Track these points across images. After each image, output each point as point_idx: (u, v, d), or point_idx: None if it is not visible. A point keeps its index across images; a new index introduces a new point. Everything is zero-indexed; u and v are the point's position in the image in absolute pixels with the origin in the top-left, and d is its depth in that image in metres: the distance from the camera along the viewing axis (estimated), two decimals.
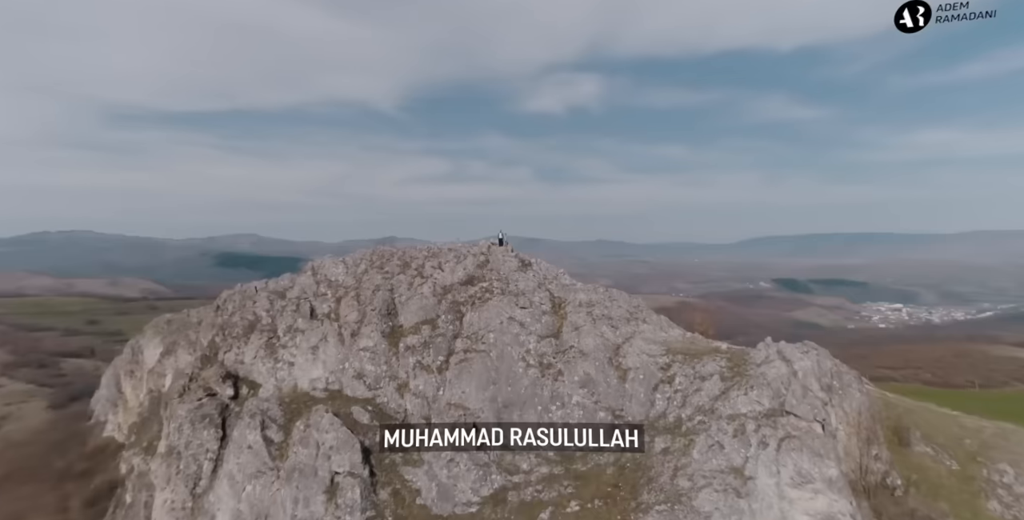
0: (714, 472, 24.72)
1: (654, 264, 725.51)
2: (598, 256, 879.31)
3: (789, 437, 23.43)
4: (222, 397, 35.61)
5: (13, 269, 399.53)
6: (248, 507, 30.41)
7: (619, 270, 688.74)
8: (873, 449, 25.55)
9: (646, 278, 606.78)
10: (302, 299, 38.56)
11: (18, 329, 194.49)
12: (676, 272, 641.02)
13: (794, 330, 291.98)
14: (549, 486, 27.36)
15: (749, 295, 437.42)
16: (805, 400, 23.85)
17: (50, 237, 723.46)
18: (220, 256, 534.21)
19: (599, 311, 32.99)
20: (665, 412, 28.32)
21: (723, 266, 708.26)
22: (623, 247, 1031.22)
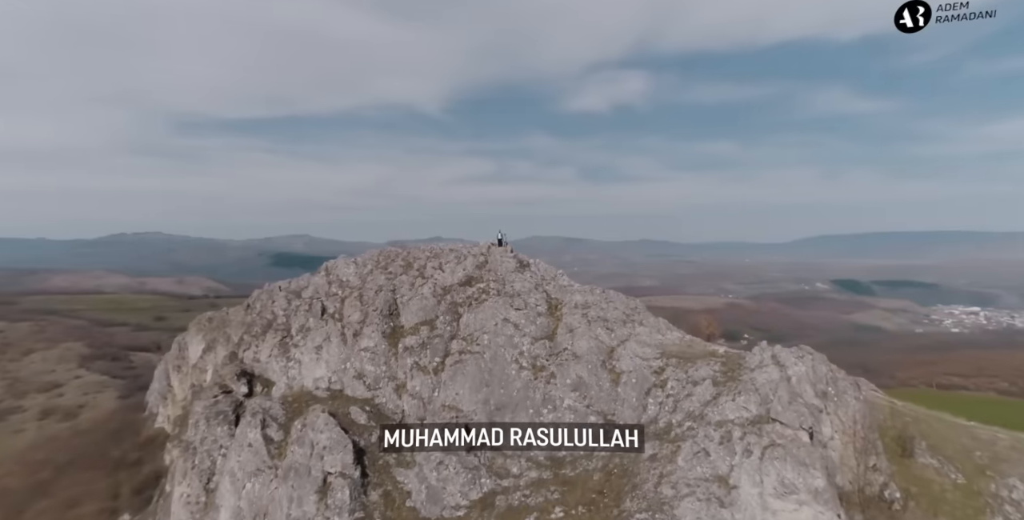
0: (698, 480, 23.82)
1: (701, 264, 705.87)
2: (642, 256, 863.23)
3: (773, 445, 22.44)
4: (237, 394, 36.50)
5: (94, 268, 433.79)
6: (247, 505, 30.76)
7: (663, 270, 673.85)
8: (871, 459, 24.08)
9: (692, 279, 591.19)
10: (314, 299, 39.24)
11: (95, 324, 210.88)
12: (725, 273, 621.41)
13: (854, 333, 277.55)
14: (536, 491, 27.04)
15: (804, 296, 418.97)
16: (791, 407, 22.74)
17: (126, 238, 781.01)
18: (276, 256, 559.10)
19: (595, 313, 32.42)
20: (656, 417, 27.57)
21: (776, 266, 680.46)
22: (668, 247, 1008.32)
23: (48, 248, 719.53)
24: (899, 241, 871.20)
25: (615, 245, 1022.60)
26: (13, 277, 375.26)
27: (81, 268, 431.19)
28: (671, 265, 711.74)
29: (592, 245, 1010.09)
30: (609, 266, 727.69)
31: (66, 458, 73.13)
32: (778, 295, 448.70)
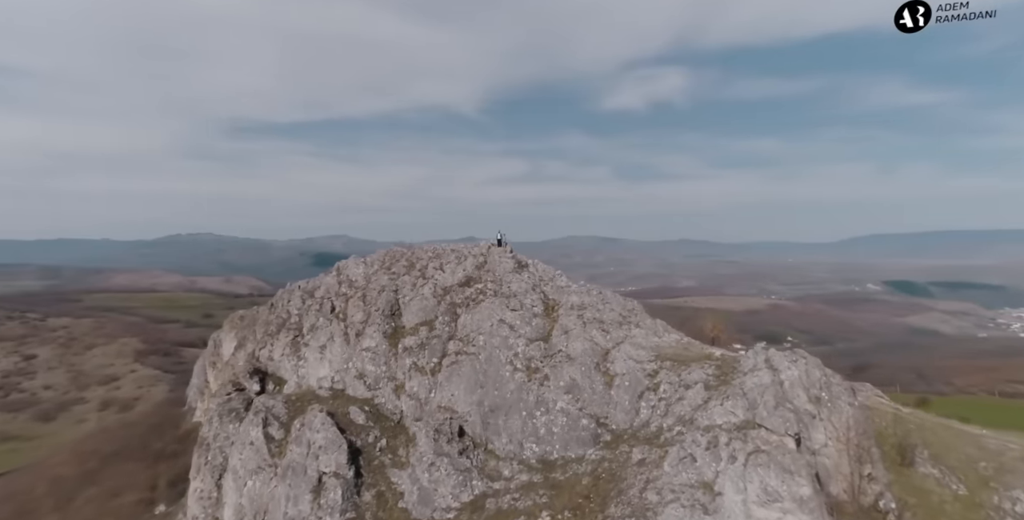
0: (683, 486, 22.96)
1: (743, 264, 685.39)
2: (681, 256, 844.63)
3: (758, 451, 21.53)
4: (249, 392, 36.87)
5: (152, 267, 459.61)
6: (248, 502, 30.87)
7: (703, 270, 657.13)
8: (866, 468, 22.72)
9: (733, 279, 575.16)
10: (325, 299, 39.50)
11: (150, 321, 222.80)
12: (767, 273, 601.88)
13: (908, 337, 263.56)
14: (526, 494, 26.64)
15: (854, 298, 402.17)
16: (776, 412, 21.72)
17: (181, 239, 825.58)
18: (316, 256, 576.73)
19: (590, 314, 31.82)
20: (648, 421, 26.92)
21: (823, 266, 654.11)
22: (708, 246, 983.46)
23: (112, 248, 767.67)
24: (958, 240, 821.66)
25: (652, 245, 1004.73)
26: (81, 276, 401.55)
27: (140, 267, 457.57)
28: (711, 265, 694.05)
29: (628, 245, 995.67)
30: (646, 266, 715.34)
31: (113, 449, 77.79)
32: (824, 296, 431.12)
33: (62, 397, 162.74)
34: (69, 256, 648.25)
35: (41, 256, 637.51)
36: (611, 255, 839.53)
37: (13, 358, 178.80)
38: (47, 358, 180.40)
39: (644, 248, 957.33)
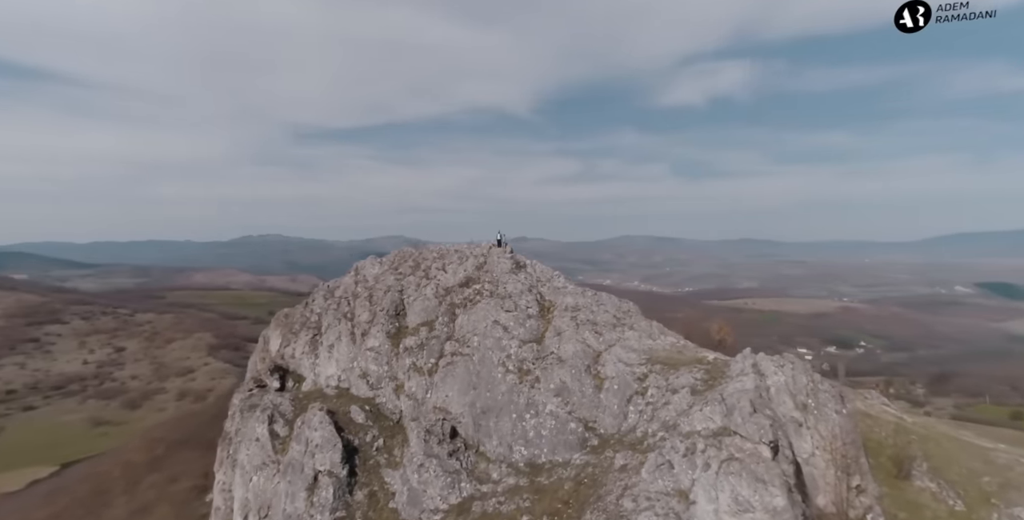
0: (659, 494, 22.01)
1: (811, 265, 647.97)
2: (742, 256, 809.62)
3: (731, 459, 20.51)
4: (270, 389, 37.79)
5: (226, 267, 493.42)
6: (253, 496, 31.39)
7: (767, 271, 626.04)
8: (854, 479, 20.92)
9: (800, 280, 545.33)
10: (342, 298, 40.23)
11: (222, 317, 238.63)
12: (839, 274, 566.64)
13: (1005, 344, 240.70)
14: (510, 498, 26.28)
15: (940, 301, 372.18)
16: (752, 419, 20.45)
17: (252, 240, 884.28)
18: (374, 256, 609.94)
19: (584, 316, 30.96)
20: (635, 426, 25.87)
21: (903, 267, 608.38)
22: (771, 246, 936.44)
23: (193, 249, 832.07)
24: None
25: (711, 244, 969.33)
26: (166, 274, 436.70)
27: (217, 267, 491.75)
28: (775, 266, 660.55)
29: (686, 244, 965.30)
30: (704, 266, 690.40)
31: (177, 438, 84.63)
32: (904, 299, 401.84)
33: (146, 387, 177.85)
34: (157, 256, 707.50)
35: (134, 256, 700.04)
36: (668, 255, 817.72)
37: (107, 350, 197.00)
38: (134, 350, 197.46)
39: (702, 248, 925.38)
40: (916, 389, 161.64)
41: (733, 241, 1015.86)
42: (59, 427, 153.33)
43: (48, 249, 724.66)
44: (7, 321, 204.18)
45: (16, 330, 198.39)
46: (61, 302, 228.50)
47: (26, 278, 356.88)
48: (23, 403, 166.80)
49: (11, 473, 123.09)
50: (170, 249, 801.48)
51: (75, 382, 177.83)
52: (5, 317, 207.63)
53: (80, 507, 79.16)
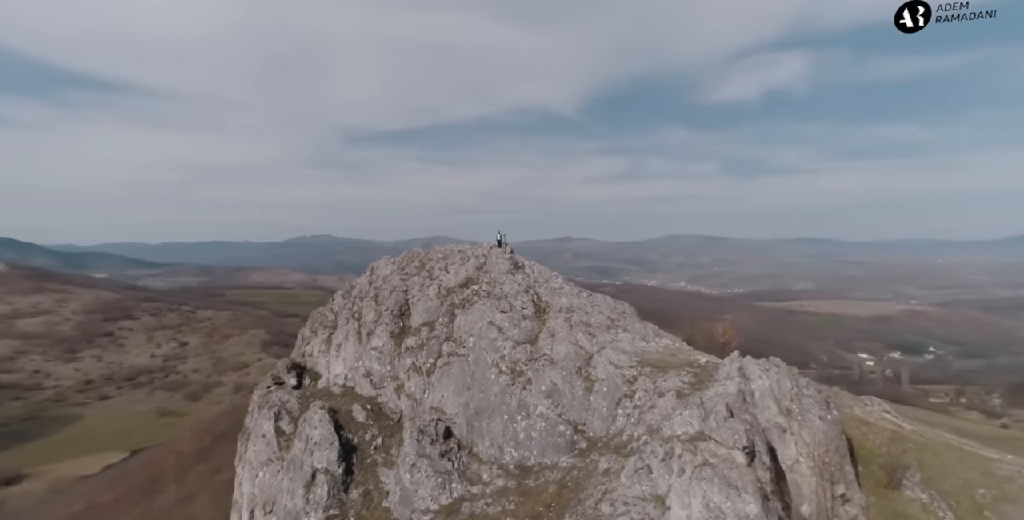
0: (636, 499, 21.35)
1: (873, 265, 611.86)
2: (798, 255, 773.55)
3: (705, 464, 19.89)
4: (287, 386, 37.85)
5: (281, 266, 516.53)
6: (259, 492, 31.74)
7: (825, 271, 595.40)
8: (838, 488, 19.58)
9: (861, 281, 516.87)
10: (357, 298, 40.47)
11: (275, 315, 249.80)
12: (906, 275, 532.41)
13: None
14: (497, 500, 25.90)
15: (1022, 305, 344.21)
16: (726, 424, 19.27)
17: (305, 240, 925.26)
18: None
19: (578, 317, 30.32)
20: (622, 429, 25.11)
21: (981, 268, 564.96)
22: (830, 245, 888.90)
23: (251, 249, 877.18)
24: None
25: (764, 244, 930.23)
26: (226, 274, 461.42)
27: (272, 266, 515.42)
28: (834, 266, 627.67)
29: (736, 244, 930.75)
30: (756, 266, 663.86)
31: (222, 430, 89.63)
32: (982, 302, 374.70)
33: (206, 380, 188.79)
34: (220, 256, 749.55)
35: (199, 256, 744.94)
36: (716, 255, 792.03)
37: (171, 344, 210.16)
38: (195, 345, 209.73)
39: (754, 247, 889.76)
40: (992, 399, 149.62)
41: (788, 240, 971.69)
42: (130, 416, 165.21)
43: (125, 249, 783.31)
44: (86, 317, 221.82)
45: (94, 325, 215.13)
46: (133, 299, 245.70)
47: (106, 277, 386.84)
48: (99, 393, 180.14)
49: (89, 457, 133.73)
50: (231, 249, 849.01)
51: (144, 374, 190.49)
52: (85, 313, 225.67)
53: (137, 492, 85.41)
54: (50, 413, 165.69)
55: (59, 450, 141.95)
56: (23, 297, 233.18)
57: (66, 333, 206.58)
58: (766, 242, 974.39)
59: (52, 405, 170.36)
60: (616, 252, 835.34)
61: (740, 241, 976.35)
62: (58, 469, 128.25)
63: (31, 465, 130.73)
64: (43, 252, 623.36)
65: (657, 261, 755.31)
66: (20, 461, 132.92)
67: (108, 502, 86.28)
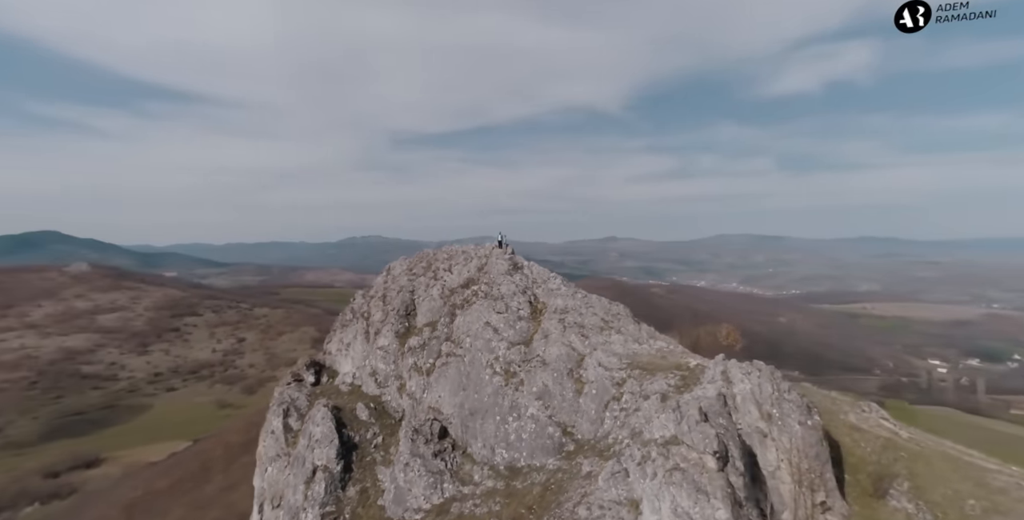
0: (612, 503, 20.62)
1: (948, 266, 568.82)
2: (861, 255, 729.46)
3: (675, 469, 19.41)
4: (305, 383, 38.48)
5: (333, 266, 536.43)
6: (268, 486, 32.34)
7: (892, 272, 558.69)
8: (818, 496, 18.68)
9: (935, 283, 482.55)
10: (373, 297, 40.65)
11: (325, 313, 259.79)
12: (985, 276, 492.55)
13: None
14: (485, 502, 25.81)
15: None
16: (698, 428, 18.67)
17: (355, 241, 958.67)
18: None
19: (572, 318, 29.82)
20: (609, 432, 24.57)
21: None
22: (896, 245, 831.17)
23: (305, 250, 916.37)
24: None
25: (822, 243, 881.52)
26: (282, 273, 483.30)
27: (325, 266, 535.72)
28: (903, 266, 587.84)
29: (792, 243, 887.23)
30: (813, 266, 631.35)
31: None
32: None
33: (260, 374, 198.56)
34: (278, 256, 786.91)
35: (258, 256, 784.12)
36: (771, 255, 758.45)
37: (230, 340, 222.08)
38: (252, 341, 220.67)
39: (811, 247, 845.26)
40: None
41: (849, 239, 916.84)
42: (193, 407, 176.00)
43: (193, 250, 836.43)
44: (156, 313, 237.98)
45: (162, 321, 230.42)
46: (197, 297, 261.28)
47: (175, 275, 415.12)
48: (167, 384, 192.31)
49: (157, 445, 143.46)
50: (288, 249, 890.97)
51: (206, 368, 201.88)
52: (155, 309, 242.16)
53: (190, 480, 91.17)
54: (125, 402, 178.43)
55: (132, 437, 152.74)
56: (103, 294, 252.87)
57: (139, 328, 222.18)
58: (825, 241, 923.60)
59: (126, 395, 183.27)
60: (663, 252, 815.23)
61: (796, 240, 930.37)
62: (130, 455, 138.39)
63: (108, 450, 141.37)
64: (122, 252, 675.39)
65: (707, 261, 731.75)
66: (99, 446, 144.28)
67: (164, 489, 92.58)
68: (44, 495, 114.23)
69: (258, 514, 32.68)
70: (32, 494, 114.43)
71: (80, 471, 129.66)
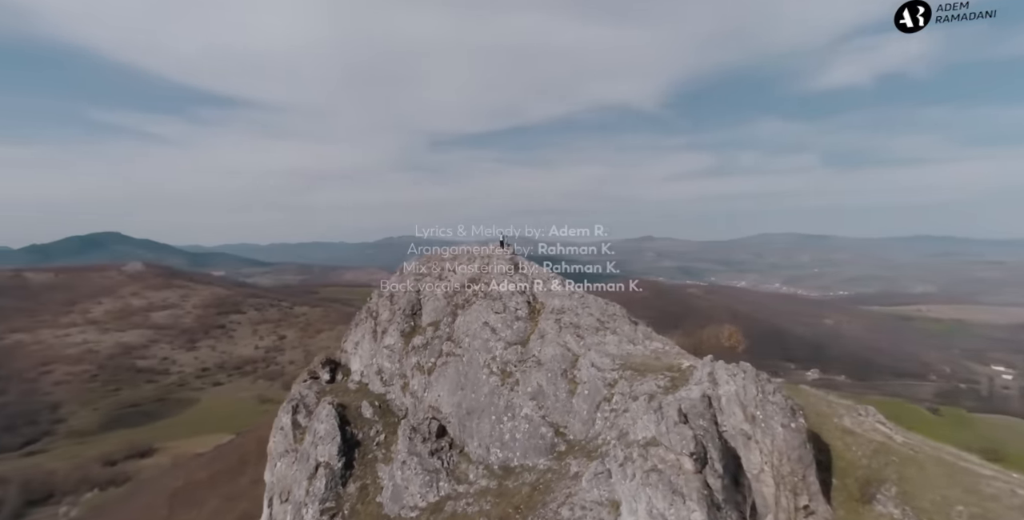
0: (593, 503, 20.16)
1: (1013, 266, 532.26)
2: (915, 255, 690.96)
3: (653, 470, 19.21)
4: (321, 380, 38.70)
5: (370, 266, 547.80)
6: (277, 481, 32.88)
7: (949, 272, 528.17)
8: (801, 500, 18.21)
9: (998, 284, 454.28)
10: (382, 297, 40.36)
11: None
12: None
13: None
14: (477, 501, 25.80)
15: None
16: (675, 429, 18.41)
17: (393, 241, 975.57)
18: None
19: (567, 319, 29.58)
20: (599, 433, 24.29)
21: None
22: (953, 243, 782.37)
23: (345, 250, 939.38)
24: None
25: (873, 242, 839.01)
26: (323, 272, 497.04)
27: (363, 266, 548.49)
28: (962, 266, 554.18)
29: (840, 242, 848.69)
30: (863, 267, 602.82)
31: None
32: None
33: (299, 371, 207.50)
34: (319, 256, 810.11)
35: (300, 256, 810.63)
36: (816, 254, 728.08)
37: (272, 337, 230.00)
38: (292, 339, 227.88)
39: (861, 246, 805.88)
40: None
41: (902, 238, 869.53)
42: (237, 401, 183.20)
43: (240, 250, 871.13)
44: (204, 310, 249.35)
45: (209, 318, 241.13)
46: (241, 295, 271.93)
47: (223, 274, 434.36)
48: (213, 379, 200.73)
49: (204, 437, 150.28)
50: (329, 249, 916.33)
51: (249, 364, 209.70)
52: (203, 307, 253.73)
53: (227, 472, 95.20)
54: (175, 396, 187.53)
55: (181, 429, 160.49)
56: (156, 292, 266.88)
57: (188, 325, 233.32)
58: (875, 240, 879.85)
59: (176, 389, 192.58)
60: (702, 252, 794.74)
61: (844, 239, 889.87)
62: (179, 446, 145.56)
63: (160, 440, 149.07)
64: (175, 252, 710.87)
65: (748, 261, 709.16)
66: (152, 436, 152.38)
67: (204, 480, 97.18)
68: (103, 482, 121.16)
69: (268, 508, 33.37)
70: (92, 480, 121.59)
71: (135, 460, 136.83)
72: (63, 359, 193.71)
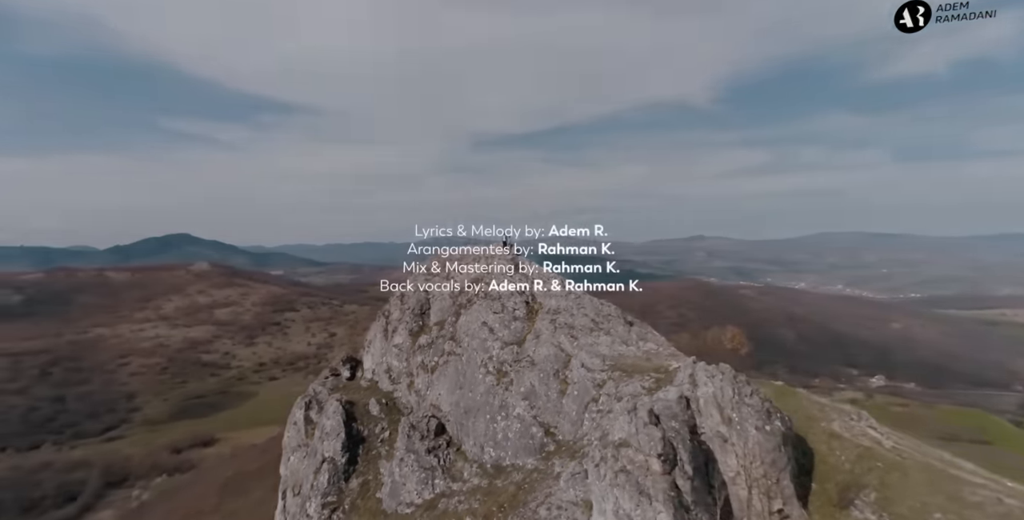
0: (569, 503, 20.59)
1: None
2: (1002, 254, 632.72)
3: (622, 471, 18.98)
4: (341, 377, 39.63)
5: None
6: (290, 474, 33.67)
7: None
8: (775, 504, 17.62)
9: None
10: (394, 296, 40.88)
11: None
12: None
13: None
14: (467, 499, 25.98)
15: None
16: (645, 430, 18.21)
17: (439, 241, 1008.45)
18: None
19: (563, 319, 29.32)
20: (586, 433, 24.10)
21: None
22: None
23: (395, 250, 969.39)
24: None
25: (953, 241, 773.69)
26: (372, 272, 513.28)
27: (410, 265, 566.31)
28: None
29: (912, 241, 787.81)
30: (941, 267, 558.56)
31: None
32: None
33: None
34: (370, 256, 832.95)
35: (353, 256, 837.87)
36: (884, 254, 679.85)
37: (323, 335, 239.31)
38: (341, 336, 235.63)
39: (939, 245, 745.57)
40: None
41: (986, 236, 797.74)
42: (290, 396, 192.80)
43: (297, 250, 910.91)
44: (262, 308, 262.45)
45: (266, 315, 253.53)
46: (296, 294, 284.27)
47: (281, 274, 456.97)
48: (269, 374, 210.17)
49: (261, 429, 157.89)
50: (379, 249, 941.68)
51: (302, 360, 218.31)
52: (261, 304, 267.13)
53: (274, 464, 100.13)
54: (235, 389, 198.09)
55: (241, 420, 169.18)
56: (219, 290, 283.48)
57: (247, 322, 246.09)
58: (954, 239, 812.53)
59: (236, 382, 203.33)
60: (755, 251, 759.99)
61: (918, 238, 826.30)
62: (238, 437, 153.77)
63: (221, 431, 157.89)
64: (239, 252, 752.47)
65: (806, 261, 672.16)
66: (214, 427, 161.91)
67: (253, 470, 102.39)
68: (171, 468, 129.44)
69: (281, 500, 34.39)
70: (162, 467, 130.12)
71: (199, 449, 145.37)
72: (138, 352, 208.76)
